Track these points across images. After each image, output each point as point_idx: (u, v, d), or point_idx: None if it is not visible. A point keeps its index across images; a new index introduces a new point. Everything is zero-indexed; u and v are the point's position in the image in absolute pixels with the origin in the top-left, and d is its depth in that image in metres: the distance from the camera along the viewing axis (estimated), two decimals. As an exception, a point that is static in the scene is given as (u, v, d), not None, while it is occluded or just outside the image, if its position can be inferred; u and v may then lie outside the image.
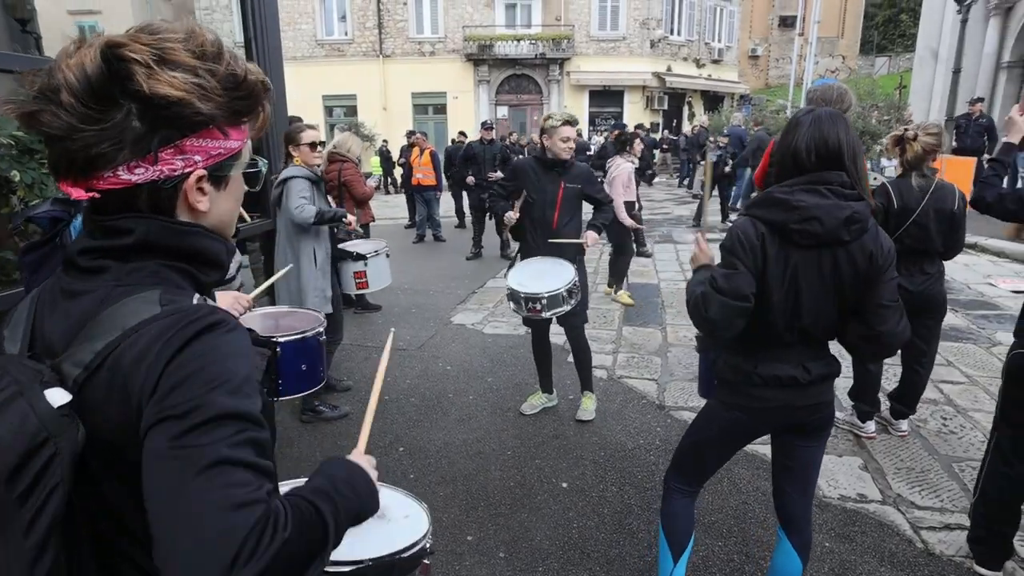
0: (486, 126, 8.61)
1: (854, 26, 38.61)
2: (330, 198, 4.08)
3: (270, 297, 3.56)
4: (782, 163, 1.71)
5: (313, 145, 3.57)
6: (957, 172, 8.56)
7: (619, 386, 4.24)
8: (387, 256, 4.06)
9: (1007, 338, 5.09)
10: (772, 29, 37.75)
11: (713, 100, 25.17)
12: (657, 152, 11.55)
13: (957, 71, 9.72)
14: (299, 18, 22.23)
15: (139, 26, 0.74)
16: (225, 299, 1.87)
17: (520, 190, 3.59)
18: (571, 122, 3.43)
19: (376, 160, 20.13)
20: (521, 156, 11.73)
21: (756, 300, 1.67)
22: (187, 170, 0.76)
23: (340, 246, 3.87)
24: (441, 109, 23.14)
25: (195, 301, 0.78)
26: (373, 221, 6.03)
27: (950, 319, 5.56)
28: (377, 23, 22.36)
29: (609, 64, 22.53)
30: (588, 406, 3.79)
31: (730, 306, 1.64)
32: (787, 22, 35.66)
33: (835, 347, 1.84)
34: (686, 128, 20.97)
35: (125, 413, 0.68)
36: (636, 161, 6.39)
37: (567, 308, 3.32)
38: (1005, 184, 2.54)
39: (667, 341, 5.08)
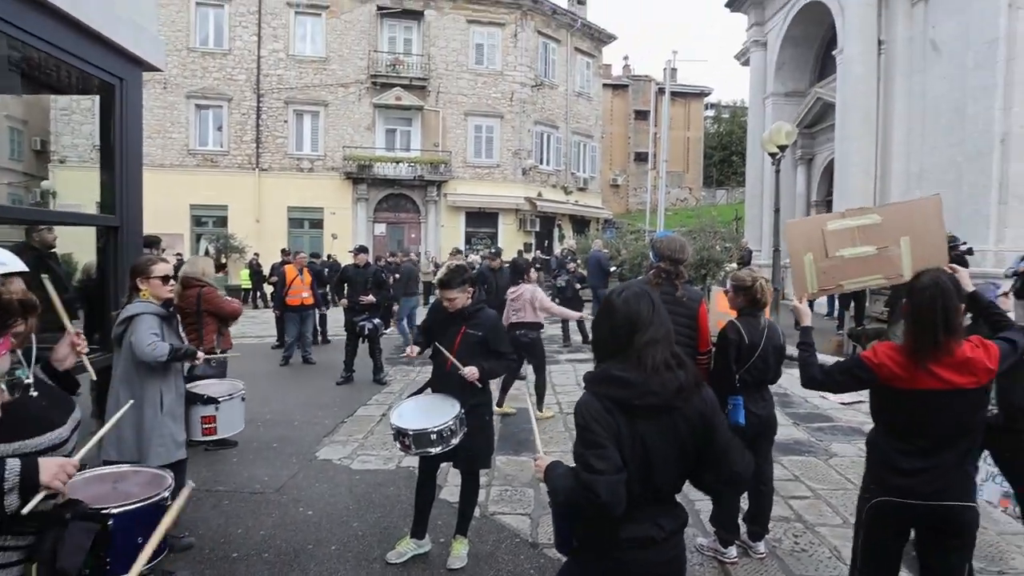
0: (357, 251, 8.60)
1: (696, 162, 44.44)
2: (183, 332, 3.80)
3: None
4: (610, 340, 1.86)
5: (166, 278, 3.31)
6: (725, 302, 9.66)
7: (492, 524, 4.09)
8: (242, 399, 3.76)
9: (842, 449, 5.60)
10: (630, 162, 42.44)
11: (581, 223, 27.25)
12: (532, 271, 12.15)
13: (777, 210, 11.34)
14: (170, 127, 21.69)
15: None
16: (49, 467, 1.61)
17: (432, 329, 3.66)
18: (441, 285, 3.51)
19: (245, 273, 19.33)
20: (396, 277, 11.84)
21: None
22: None
23: (188, 387, 3.53)
24: (317, 224, 22.99)
25: None
26: (231, 348, 5.62)
27: (792, 433, 6.07)
28: (255, 137, 22.34)
29: (484, 188, 23.90)
30: (460, 551, 3.59)
31: (615, 482, 1.67)
32: (641, 157, 40.34)
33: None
34: (557, 249, 22.37)
35: None
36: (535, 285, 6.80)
37: (436, 450, 3.23)
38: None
39: (533, 476, 5.06)
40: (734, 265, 12.52)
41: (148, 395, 3.21)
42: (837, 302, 11.93)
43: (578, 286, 11.15)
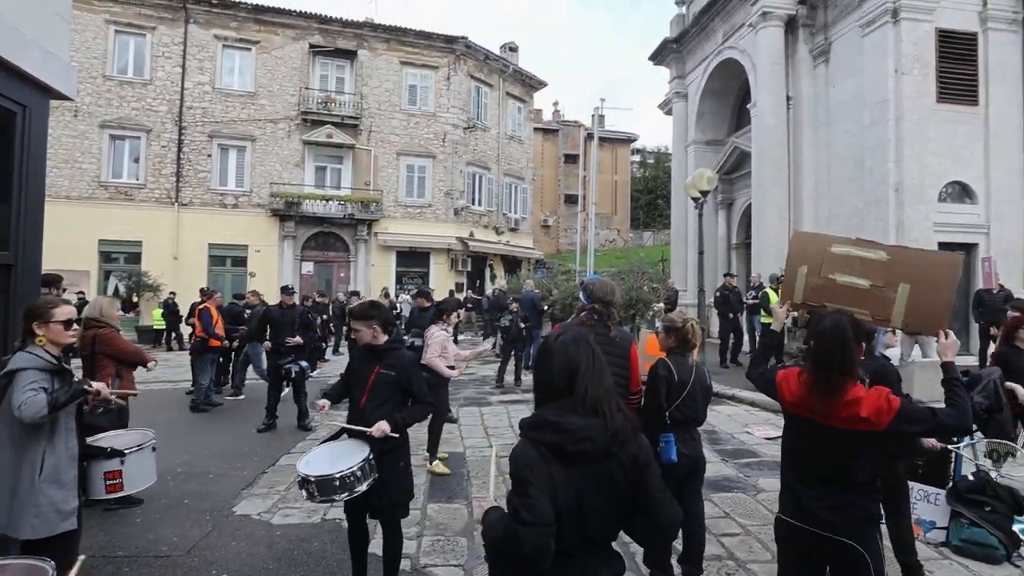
0: (287, 291, 8.26)
1: (624, 206, 46.08)
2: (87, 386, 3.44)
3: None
4: (546, 386, 1.86)
5: (69, 323, 2.96)
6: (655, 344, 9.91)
7: (423, 578, 3.90)
8: (153, 449, 3.44)
9: (769, 484, 5.71)
10: (560, 204, 43.51)
11: (512, 263, 27.46)
12: (462, 312, 12.04)
13: (701, 252, 11.82)
14: (80, 157, 20.40)
15: None
16: None
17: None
18: (349, 314, 3.50)
19: (158, 312, 18.22)
20: (325, 317, 11.48)
21: None
22: None
23: (90, 440, 3.18)
24: (241, 261, 22.02)
25: None
26: (135, 395, 5.17)
27: (721, 469, 6.18)
28: (176, 171, 21.34)
29: (416, 227, 23.73)
30: (388, 609, 3.40)
31: (542, 535, 1.62)
32: (571, 199, 41.50)
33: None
34: (488, 289, 22.38)
35: None
36: (450, 330, 6.50)
37: (341, 497, 3.11)
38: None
39: (473, 518, 4.89)
40: (661, 305, 12.90)
41: (27, 458, 2.79)
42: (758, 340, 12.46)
43: (522, 325, 11.14)
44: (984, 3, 11.91)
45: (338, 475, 3.05)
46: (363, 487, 3.12)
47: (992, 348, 9.60)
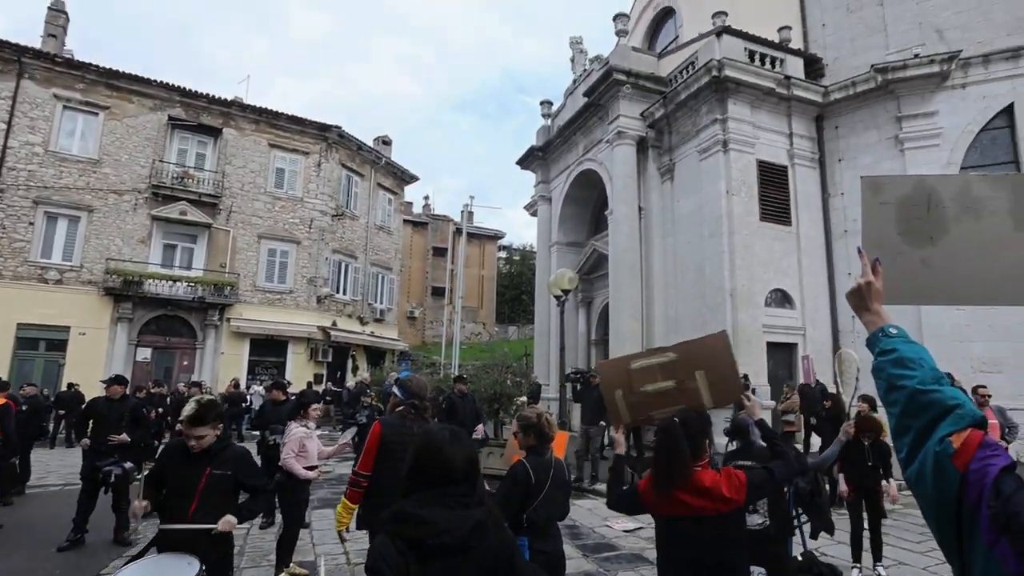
0: (117, 381, 7.19)
1: (490, 300, 47.19)
2: None
3: None
4: (414, 478, 1.81)
5: None
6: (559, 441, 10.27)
7: None
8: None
9: (629, 579, 5.80)
10: (427, 296, 43.61)
11: (376, 355, 26.66)
12: (320, 405, 11.34)
13: (562, 348, 12.29)
14: None
15: None
16: None
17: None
18: (193, 421, 3.10)
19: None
20: (160, 410, 10.21)
21: None
22: None
23: None
24: (59, 345, 19.16)
25: None
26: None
27: (582, 565, 6.12)
28: (-16, 238, 18.64)
29: (274, 314, 22.44)
30: None
31: None
32: (438, 292, 41.84)
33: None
34: (350, 381, 21.38)
35: None
36: (311, 425, 5.97)
37: None
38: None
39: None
40: (524, 398, 13.03)
41: None
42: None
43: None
44: (791, 143, 14.27)
45: None
46: None
47: (815, 435, 10.71)
